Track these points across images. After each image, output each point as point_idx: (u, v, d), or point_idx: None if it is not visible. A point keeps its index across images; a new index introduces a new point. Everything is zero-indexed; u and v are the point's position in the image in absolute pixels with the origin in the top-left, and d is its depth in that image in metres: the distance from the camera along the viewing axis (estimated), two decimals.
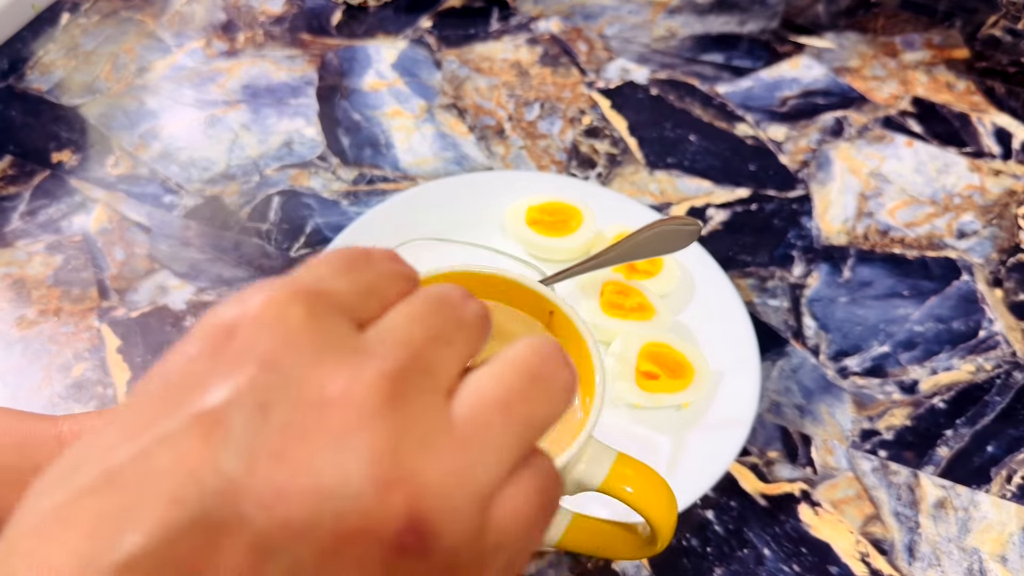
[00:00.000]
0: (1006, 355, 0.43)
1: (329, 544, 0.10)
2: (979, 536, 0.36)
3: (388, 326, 0.13)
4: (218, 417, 0.11)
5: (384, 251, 0.15)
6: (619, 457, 0.21)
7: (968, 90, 0.57)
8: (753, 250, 0.47)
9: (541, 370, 0.13)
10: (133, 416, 0.11)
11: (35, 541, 0.10)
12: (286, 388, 0.11)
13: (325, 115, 0.54)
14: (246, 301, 0.12)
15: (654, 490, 0.21)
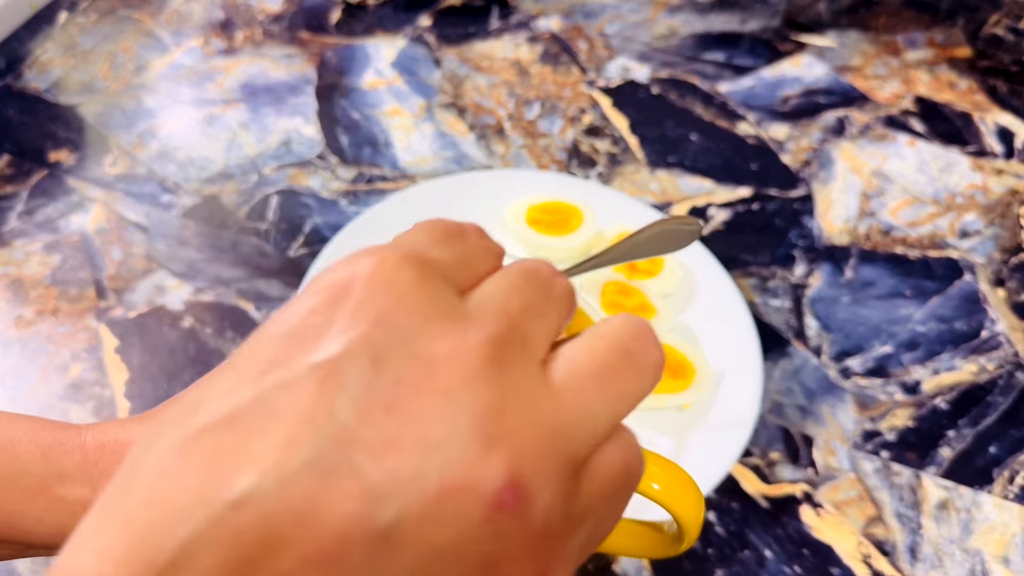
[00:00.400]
0: (1008, 355, 0.43)
1: (433, 495, 0.11)
2: (981, 537, 0.36)
3: (486, 296, 0.13)
4: (335, 367, 0.11)
5: (475, 227, 0.15)
6: (645, 454, 0.21)
7: (970, 89, 0.57)
8: (755, 250, 0.47)
9: (632, 346, 0.14)
10: (251, 363, 0.12)
11: (153, 476, 0.11)
12: (398, 345, 0.12)
13: (324, 114, 0.54)
14: (358, 262, 0.13)
15: (681, 487, 0.20)
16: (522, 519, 0.11)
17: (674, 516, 0.21)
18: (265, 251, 0.46)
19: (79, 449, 0.19)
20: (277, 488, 0.10)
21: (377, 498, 0.11)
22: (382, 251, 0.13)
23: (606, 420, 0.13)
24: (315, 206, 0.48)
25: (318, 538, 0.10)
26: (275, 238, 0.47)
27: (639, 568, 0.35)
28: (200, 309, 0.43)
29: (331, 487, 0.10)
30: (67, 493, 0.18)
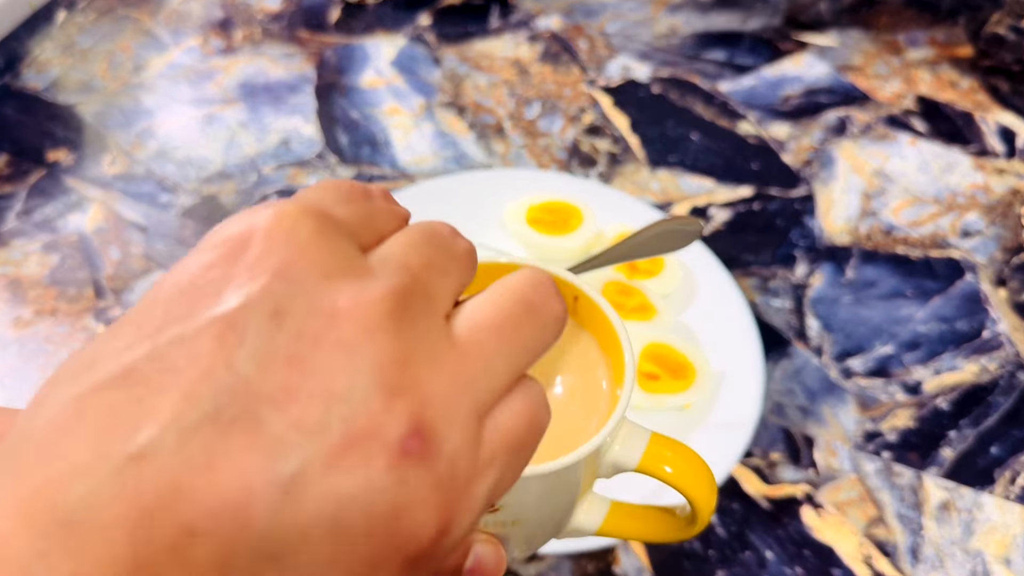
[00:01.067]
0: (1010, 356, 0.43)
1: (337, 446, 0.11)
2: (983, 538, 0.36)
3: (388, 253, 0.13)
4: (233, 321, 0.11)
5: (381, 188, 0.15)
6: (654, 437, 0.21)
7: (972, 88, 0.57)
8: (756, 250, 0.47)
9: (534, 299, 0.14)
10: (147, 318, 0.12)
11: (50, 433, 0.10)
12: (298, 298, 0.12)
13: (323, 113, 0.54)
14: (256, 214, 0.13)
15: (692, 469, 0.21)
16: (427, 465, 0.11)
17: (686, 497, 0.21)
18: None
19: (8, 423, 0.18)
20: (177, 442, 0.10)
21: (279, 449, 0.11)
22: (282, 204, 0.13)
23: (508, 371, 0.13)
24: None
25: (219, 491, 0.10)
26: None
27: (639, 569, 0.35)
28: None
29: (232, 439, 0.10)
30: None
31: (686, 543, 0.35)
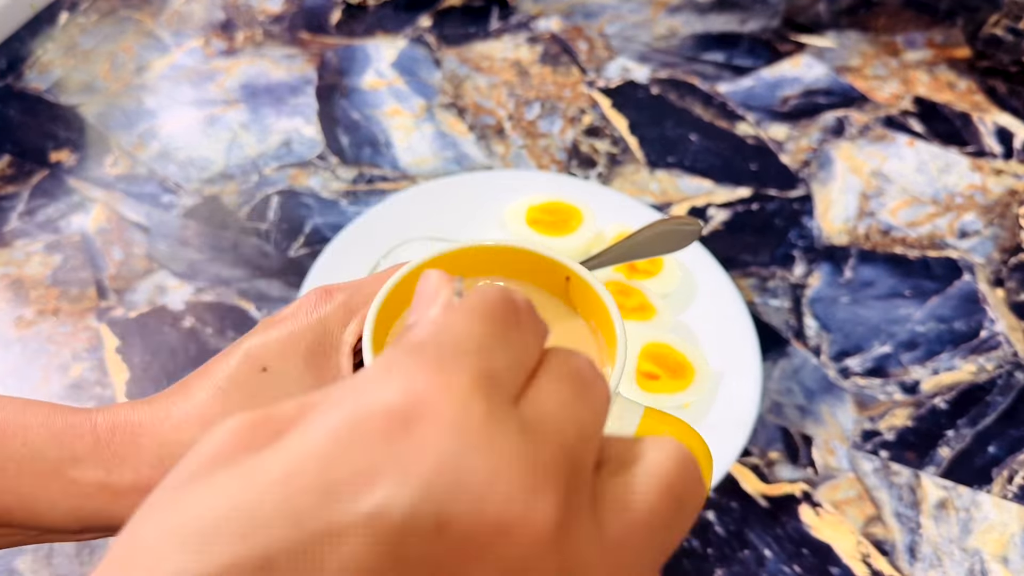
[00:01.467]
0: (1008, 355, 0.43)
1: None
2: (980, 537, 0.36)
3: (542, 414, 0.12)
4: (393, 527, 0.10)
5: (525, 302, 0.14)
6: (647, 411, 0.21)
7: (969, 89, 0.57)
8: (754, 250, 0.47)
9: (683, 494, 0.13)
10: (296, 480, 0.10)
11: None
12: (464, 503, 0.11)
13: (324, 114, 0.54)
14: (418, 382, 0.11)
15: (687, 440, 0.21)
16: None
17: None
18: (266, 251, 0.46)
19: (91, 432, 0.19)
20: None
21: None
22: (447, 370, 0.12)
23: (652, 568, 0.13)
24: (316, 206, 0.48)
25: None
26: (276, 238, 0.47)
27: None
28: (201, 309, 0.43)
29: None
30: (80, 476, 0.18)
31: (685, 541, 0.35)
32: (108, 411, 0.20)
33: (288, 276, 0.45)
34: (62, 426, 0.19)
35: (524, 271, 0.23)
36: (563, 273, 0.22)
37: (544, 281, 0.23)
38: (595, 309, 0.22)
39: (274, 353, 0.20)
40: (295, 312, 0.21)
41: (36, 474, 0.18)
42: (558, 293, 0.23)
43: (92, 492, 0.18)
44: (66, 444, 0.19)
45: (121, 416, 0.19)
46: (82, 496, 0.18)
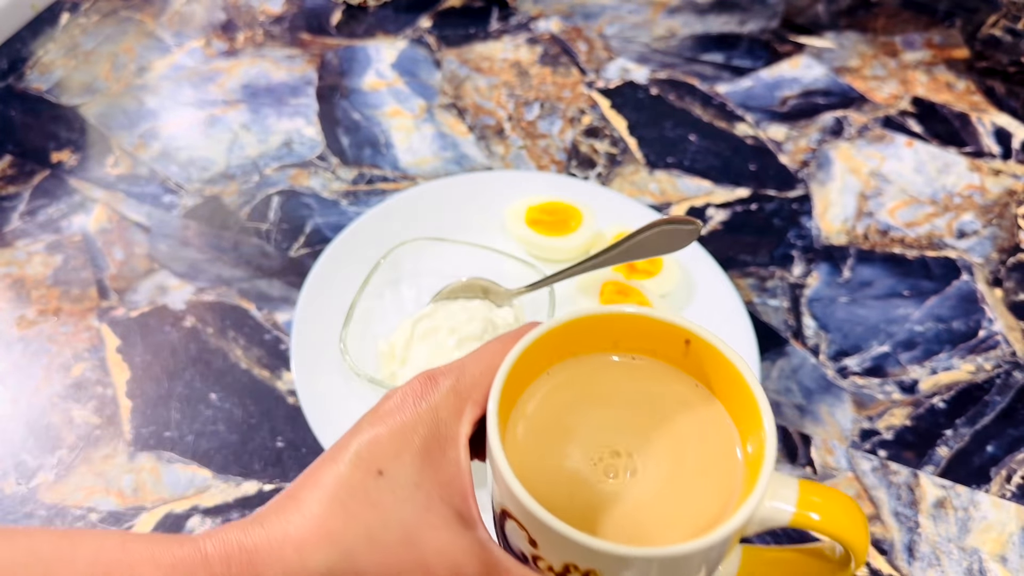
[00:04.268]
0: (1006, 355, 0.43)
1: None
2: (979, 536, 0.36)
3: None
4: None
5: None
6: (802, 485, 0.19)
7: (968, 90, 0.57)
8: (753, 250, 0.47)
9: None
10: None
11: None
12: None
13: (325, 115, 0.54)
14: None
15: (846, 513, 0.19)
16: None
17: (844, 544, 0.19)
18: (266, 251, 0.46)
19: (203, 565, 0.17)
20: None
21: None
22: None
23: None
24: (316, 206, 0.49)
25: None
26: (276, 238, 0.47)
27: None
28: (202, 309, 0.43)
29: None
30: None
31: None
32: (216, 537, 0.18)
33: (289, 276, 0.45)
34: (171, 562, 0.17)
35: (640, 336, 0.21)
36: (682, 336, 0.20)
37: (663, 349, 0.21)
38: (727, 375, 0.20)
39: (389, 454, 0.18)
40: (401, 404, 0.19)
41: None
42: (676, 360, 0.21)
43: None
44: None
45: (233, 542, 0.18)
46: None
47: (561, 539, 0.17)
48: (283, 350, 0.41)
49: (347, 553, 0.17)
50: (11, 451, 0.37)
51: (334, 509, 0.18)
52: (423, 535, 0.18)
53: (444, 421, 0.19)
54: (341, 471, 0.18)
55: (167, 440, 0.38)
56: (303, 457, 0.37)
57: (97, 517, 0.35)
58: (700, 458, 0.20)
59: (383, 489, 0.18)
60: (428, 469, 0.18)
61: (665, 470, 0.20)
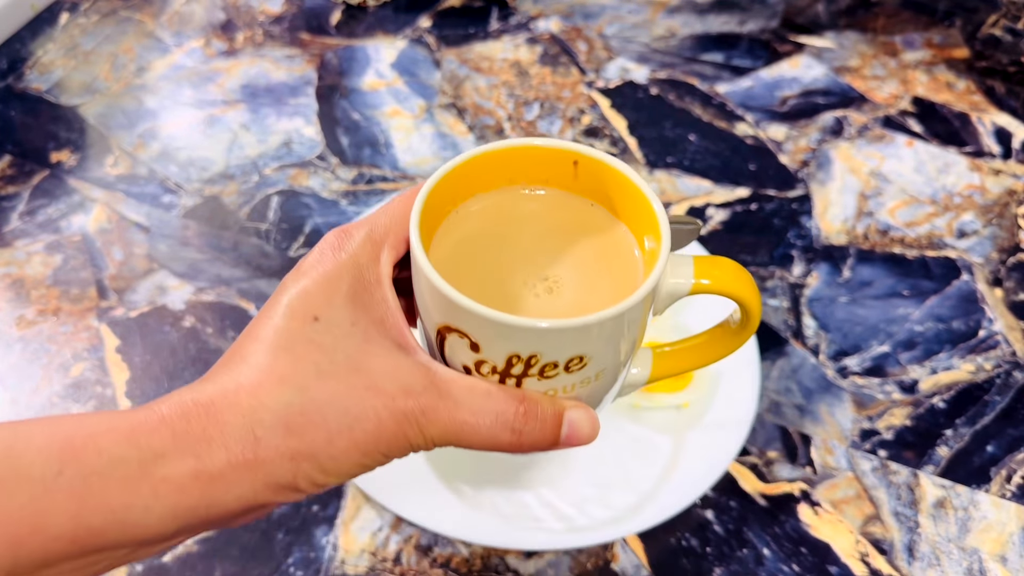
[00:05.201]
0: (1006, 355, 0.43)
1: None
2: (979, 536, 0.36)
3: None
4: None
5: None
6: (696, 260, 0.22)
7: (968, 90, 0.57)
8: (753, 250, 0.47)
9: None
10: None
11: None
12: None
13: (324, 115, 0.54)
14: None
15: (736, 274, 0.22)
16: None
17: (738, 300, 0.22)
18: (266, 251, 0.46)
19: (162, 424, 0.18)
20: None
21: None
22: None
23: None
24: (316, 206, 0.49)
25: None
26: (276, 238, 0.47)
27: (638, 567, 0.35)
28: (201, 309, 0.43)
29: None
30: (170, 471, 0.17)
31: (683, 540, 0.36)
32: (169, 400, 0.18)
33: None
34: (130, 426, 0.17)
35: (530, 165, 0.23)
36: (569, 159, 0.22)
37: (552, 173, 0.23)
38: (615, 181, 0.22)
39: (320, 302, 0.19)
40: (320, 258, 0.20)
41: (123, 481, 0.17)
42: (569, 185, 0.23)
43: (186, 484, 0.17)
44: (143, 443, 0.17)
45: (187, 400, 0.18)
46: (176, 492, 0.17)
47: (503, 328, 0.18)
48: None
49: (300, 388, 0.18)
50: None
51: (279, 355, 0.18)
52: (368, 362, 0.18)
53: (365, 266, 0.20)
54: (278, 323, 0.19)
55: None
56: None
57: None
58: (607, 266, 0.22)
59: (321, 331, 0.19)
60: (359, 310, 0.19)
61: (579, 282, 0.22)
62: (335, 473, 0.18)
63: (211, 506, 0.17)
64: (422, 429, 0.19)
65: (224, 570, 0.34)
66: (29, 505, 0.16)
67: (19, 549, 0.16)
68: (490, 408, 0.19)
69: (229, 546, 0.35)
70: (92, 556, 0.17)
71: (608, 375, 0.22)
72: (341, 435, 0.18)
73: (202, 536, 0.35)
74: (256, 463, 0.17)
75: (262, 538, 0.35)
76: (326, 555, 0.34)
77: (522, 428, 0.19)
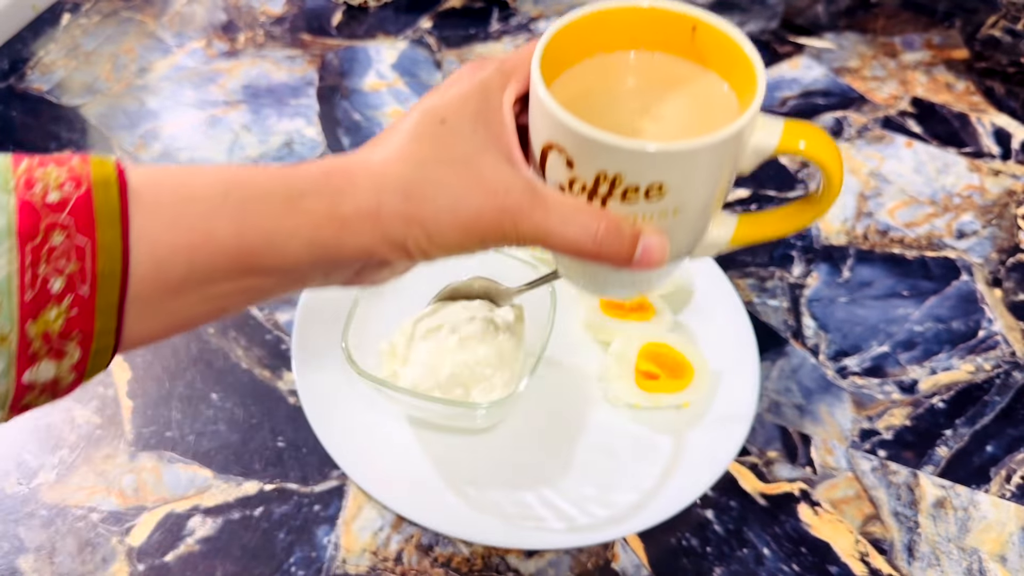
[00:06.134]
0: (1005, 355, 0.43)
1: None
2: (978, 536, 0.36)
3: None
4: None
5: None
6: (787, 121, 0.23)
7: (967, 90, 0.57)
8: (752, 250, 0.47)
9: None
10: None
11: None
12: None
13: (325, 115, 0.54)
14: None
15: (824, 141, 0.23)
16: None
17: (822, 166, 0.23)
18: None
19: (307, 175, 0.21)
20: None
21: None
22: None
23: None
24: None
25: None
26: None
27: (638, 566, 0.35)
28: None
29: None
30: (311, 206, 0.21)
31: (684, 540, 0.36)
32: (318, 162, 0.22)
33: None
34: (283, 172, 0.21)
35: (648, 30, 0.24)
36: (688, 24, 0.24)
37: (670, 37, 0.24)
38: (727, 47, 0.23)
39: (449, 110, 0.22)
40: (457, 81, 0.23)
41: (274, 209, 0.20)
42: (685, 50, 0.25)
43: (322, 222, 0.21)
44: (292, 184, 0.21)
45: (331, 164, 0.22)
46: (313, 226, 0.21)
47: (593, 144, 0.21)
48: (284, 350, 0.41)
49: (420, 164, 0.22)
50: (12, 451, 0.37)
51: (408, 142, 0.22)
52: (481, 162, 0.22)
53: (492, 91, 0.23)
54: (413, 119, 0.23)
55: (168, 440, 0.38)
56: (304, 457, 0.37)
57: (98, 517, 0.35)
58: (707, 118, 0.24)
59: (446, 132, 0.22)
60: (481, 123, 0.22)
61: (677, 123, 0.24)
62: (439, 244, 0.22)
63: (340, 246, 0.21)
64: (516, 224, 0.22)
65: (226, 569, 0.34)
66: (201, 219, 0.20)
67: (193, 255, 0.20)
68: (578, 219, 0.22)
69: (231, 545, 0.35)
70: (249, 279, 0.21)
71: (685, 216, 0.23)
72: (447, 212, 0.21)
73: (204, 536, 0.35)
74: (377, 217, 0.21)
75: (263, 537, 0.35)
76: (327, 554, 0.35)
77: (603, 240, 0.22)
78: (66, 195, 0.18)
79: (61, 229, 0.18)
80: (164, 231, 0.19)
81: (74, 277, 0.18)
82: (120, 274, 0.19)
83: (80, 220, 0.18)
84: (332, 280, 0.23)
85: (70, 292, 0.18)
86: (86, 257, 0.18)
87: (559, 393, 0.39)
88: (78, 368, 0.19)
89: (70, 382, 0.20)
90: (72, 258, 0.18)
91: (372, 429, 0.37)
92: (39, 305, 0.18)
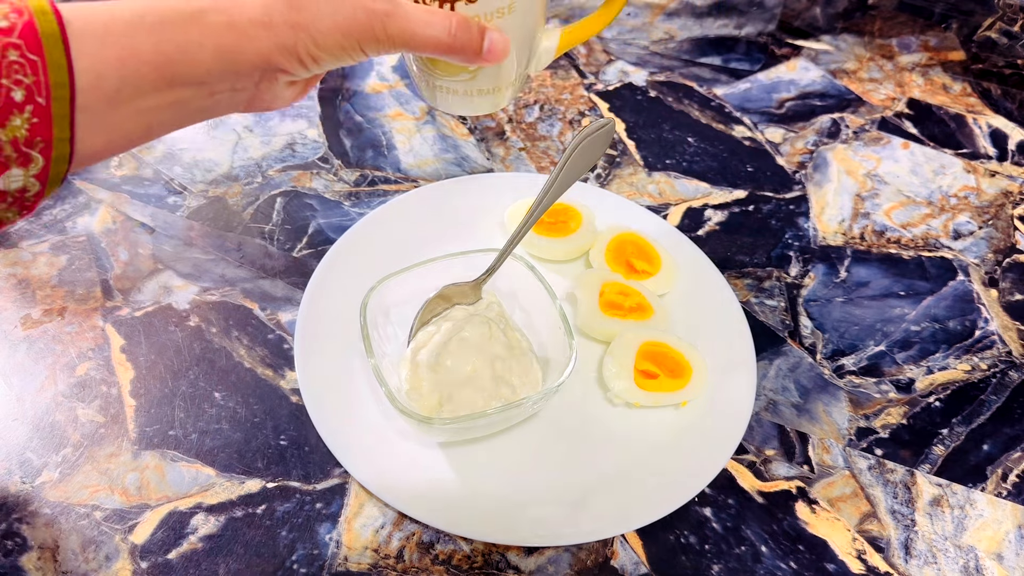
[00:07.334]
0: (1001, 354, 0.43)
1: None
2: (975, 534, 0.37)
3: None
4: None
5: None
6: None
7: (964, 92, 0.58)
8: (750, 250, 0.48)
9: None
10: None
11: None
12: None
13: (327, 117, 0.55)
14: None
15: None
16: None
17: None
18: (270, 252, 0.47)
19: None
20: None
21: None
22: None
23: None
24: (319, 207, 0.49)
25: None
26: (279, 239, 0.47)
27: (637, 563, 0.35)
28: (206, 309, 0.44)
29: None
30: (212, 20, 0.25)
31: (682, 537, 0.36)
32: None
33: (292, 276, 0.45)
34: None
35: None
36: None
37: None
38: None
39: None
40: None
41: (181, 24, 0.24)
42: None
43: (223, 31, 0.25)
44: (193, 3, 0.25)
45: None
46: (217, 35, 0.24)
47: None
48: (286, 349, 0.42)
49: None
50: (16, 449, 0.38)
51: None
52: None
53: None
54: None
55: (171, 439, 0.38)
56: (306, 455, 0.38)
57: (101, 515, 0.36)
58: None
59: None
60: None
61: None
62: (323, 47, 0.26)
63: (241, 51, 0.25)
64: (385, 27, 0.26)
65: (228, 567, 0.34)
66: (125, 37, 0.23)
67: (123, 69, 0.23)
68: (434, 19, 0.27)
69: (233, 543, 0.35)
70: (171, 91, 0.24)
71: (519, 16, 0.29)
72: (327, 17, 0.25)
73: (206, 533, 0.35)
74: (269, 25, 0.25)
75: (266, 535, 0.35)
76: (329, 552, 0.35)
77: (456, 33, 0.27)
78: (12, 22, 0.21)
79: (14, 48, 0.21)
80: (98, 48, 0.23)
81: (31, 88, 0.21)
82: (68, 86, 0.22)
83: (29, 41, 0.21)
84: (239, 95, 0.26)
85: (30, 103, 0.22)
86: (39, 71, 0.22)
87: (559, 392, 0.40)
88: (41, 177, 0.23)
89: (35, 193, 0.23)
90: (27, 72, 0.21)
91: (374, 428, 0.38)
92: (6, 113, 0.21)
